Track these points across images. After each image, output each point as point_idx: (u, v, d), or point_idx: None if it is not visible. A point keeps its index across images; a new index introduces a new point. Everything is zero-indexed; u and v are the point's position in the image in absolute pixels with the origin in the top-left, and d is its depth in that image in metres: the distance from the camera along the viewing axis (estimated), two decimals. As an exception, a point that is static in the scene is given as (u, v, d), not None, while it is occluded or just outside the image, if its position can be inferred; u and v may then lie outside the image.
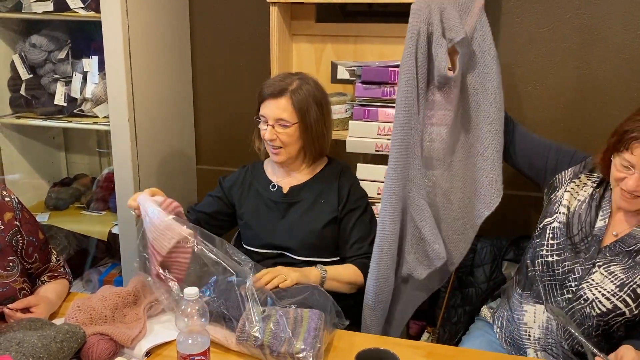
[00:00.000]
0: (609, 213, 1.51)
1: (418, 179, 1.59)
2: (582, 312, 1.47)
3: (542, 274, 1.54)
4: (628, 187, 1.39)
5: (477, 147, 1.64)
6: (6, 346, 1.18)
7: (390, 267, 1.62)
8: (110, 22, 2.00)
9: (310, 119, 1.67)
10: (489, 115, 1.61)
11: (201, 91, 2.54)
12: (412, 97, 1.53)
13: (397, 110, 1.55)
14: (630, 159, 1.39)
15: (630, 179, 1.39)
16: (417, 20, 1.52)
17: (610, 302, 1.43)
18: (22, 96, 2.32)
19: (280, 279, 1.47)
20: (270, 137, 1.66)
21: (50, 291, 1.52)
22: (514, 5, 2.09)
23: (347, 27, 2.18)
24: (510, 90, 2.18)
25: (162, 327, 1.42)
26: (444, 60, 1.52)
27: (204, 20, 2.44)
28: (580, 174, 1.59)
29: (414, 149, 1.57)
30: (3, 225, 1.45)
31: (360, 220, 1.72)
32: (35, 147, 2.52)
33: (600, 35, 2.04)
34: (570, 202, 1.56)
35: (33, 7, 2.13)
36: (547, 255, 1.53)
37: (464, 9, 1.57)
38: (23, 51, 2.27)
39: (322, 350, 1.31)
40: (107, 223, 2.33)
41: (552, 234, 1.55)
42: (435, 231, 1.61)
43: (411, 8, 1.53)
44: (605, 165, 1.50)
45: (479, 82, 1.61)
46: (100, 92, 2.20)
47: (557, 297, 1.51)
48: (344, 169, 1.79)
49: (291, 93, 1.65)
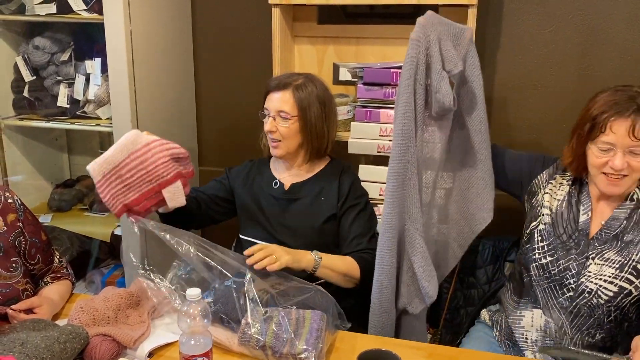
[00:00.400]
0: (589, 206, 1.53)
1: (414, 212, 1.55)
2: (588, 305, 1.48)
3: (539, 278, 1.56)
4: (616, 166, 1.41)
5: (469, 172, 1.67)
6: (9, 347, 1.18)
7: (391, 300, 1.59)
8: (112, 24, 2.00)
9: (311, 116, 1.70)
10: (479, 142, 1.64)
11: (203, 93, 2.54)
12: (410, 129, 1.48)
13: (394, 143, 1.50)
14: (609, 139, 1.41)
15: (615, 158, 1.41)
16: (416, 51, 1.46)
17: (615, 284, 1.45)
18: (25, 98, 2.33)
19: (271, 260, 1.45)
20: (270, 129, 1.70)
21: (53, 292, 1.53)
22: (515, 6, 2.10)
23: (349, 29, 2.18)
24: (512, 92, 2.18)
25: (164, 328, 1.43)
26: (449, 93, 1.50)
27: (206, 22, 2.44)
28: (555, 175, 1.63)
29: (410, 181, 1.53)
30: (6, 226, 1.46)
31: (360, 216, 1.72)
32: (38, 148, 2.53)
33: (602, 36, 2.04)
34: (551, 203, 1.59)
35: (36, 9, 2.14)
36: (540, 258, 1.55)
37: (456, 39, 1.56)
38: (26, 53, 2.28)
39: (324, 351, 1.31)
40: (110, 224, 2.34)
41: (540, 237, 1.57)
42: (429, 267, 1.58)
43: (410, 37, 1.47)
44: (579, 162, 1.52)
45: (468, 110, 1.63)
46: (103, 93, 2.21)
47: (558, 297, 1.52)
48: (345, 168, 1.81)
49: (294, 88, 1.70)
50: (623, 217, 1.49)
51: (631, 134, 1.38)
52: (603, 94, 1.47)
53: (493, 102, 2.21)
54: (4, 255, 1.44)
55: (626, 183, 1.44)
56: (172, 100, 2.37)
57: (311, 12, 2.19)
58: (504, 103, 2.20)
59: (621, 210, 1.49)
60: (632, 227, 1.48)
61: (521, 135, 2.18)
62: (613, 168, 1.42)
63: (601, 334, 1.50)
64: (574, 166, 1.55)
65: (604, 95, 1.46)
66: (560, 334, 1.53)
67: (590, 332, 1.50)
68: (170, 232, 1.46)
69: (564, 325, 1.52)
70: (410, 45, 1.47)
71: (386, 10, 2.16)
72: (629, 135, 1.38)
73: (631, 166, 1.41)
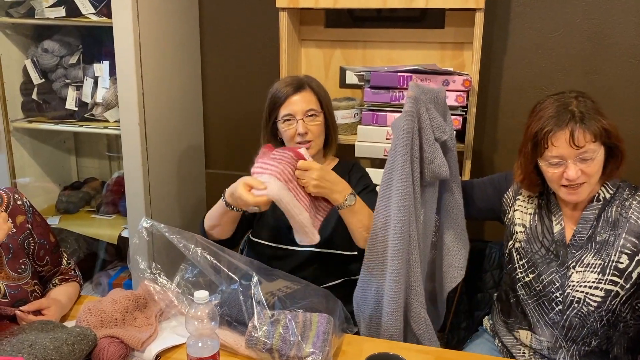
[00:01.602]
0: (561, 215, 1.52)
1: (417, 287, 1.53)
2: (579, 315, 1.47)
3: (526, 297, 1.55)
4: (570, 177, 1.38)
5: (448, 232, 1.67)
6: (18, 348, 1.19)
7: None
8: (121, 28, 2.02)
9: (329, 107, 1.75)
10: (456, 199, 1.64)
11: (211, 96, 2.55)
12: (410, 204, 1.46)
13: (395, 221, 1.45)
14: (555, 152, 1.39)
15: (568, 170, 1.39)
16: (411, 124, 1.44)
17: (600, 289, 1.44)
18: (34, 100, 2.34)
19: (302, 178, 1.45)
20: (303, 130, 1.67)
21: (62, 294, 1.53)
22: (522, 11, 2.09)
23: (356, 33, 2.18)
24: (518, 96, 2.18)
25: (172, 331, 1.43)
26: (444, 163, 1.51)
27: (214, 25, 2.45)
28: (520, 190, 1.60)
29: (412, 255, 1.50)
30: (15, 228, 1.47)
31: (372, 194, 1.71)
32: (46, 151, 2.55)
33: (610, 41, 2.04)
34: (522, 219, 1.58)
35: (45, 12, 2.16)
36: (523, 276, 1.55)
37: (437, 104, 1.55)
38: (35, 56, 2.30)
39: (331, 354, 1.31)
40: (117, 227, 2.35)
41: (518, 255, 1.57)
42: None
43: (404, 109, 1.45)
44: (530, 179, 1.51)
45: (453, 175, 1.61)
46: (111, 96, 2.22)
47: (549, 313, 1.51)
48: (355, 166, 1.82)
49: (309, 85, 1.72)
50: (592, 217, 1.47)
51: (572, 143, 1.36)
52: (540, 108, 1.45)
53: (499, 106, 2.21)
54: (12, 256, 1.45)
55: (585, 190, 1.42)
56: (179, 104, 2.38)
57: (318, 16, 2.20)
58: (510, 107, 2.20)
59: (589, 211, 1.47)
60: (602, 225, 1.46)
61: (528, 139, 2.18)
62: (568, 179, 1.39)
63: (596, 340, 1.49)
64: (525, 183, 1.53)
65: (541, 109, 1.44)
66: (555, 349, 1.52)
67: (585, 341, 1.50)
68: (178, 234, 1.46)
69: (559, 340, 1.51)
70: (405, 118, 1.44)
71: (393, 14, 2.17)
72: (570, 146, 1.36)
73: (585, 173, 1.38)
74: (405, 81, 1.92)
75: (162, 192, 2.29)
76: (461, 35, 2.05)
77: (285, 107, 1.70)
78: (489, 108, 2.21)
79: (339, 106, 2.07)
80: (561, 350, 1.52)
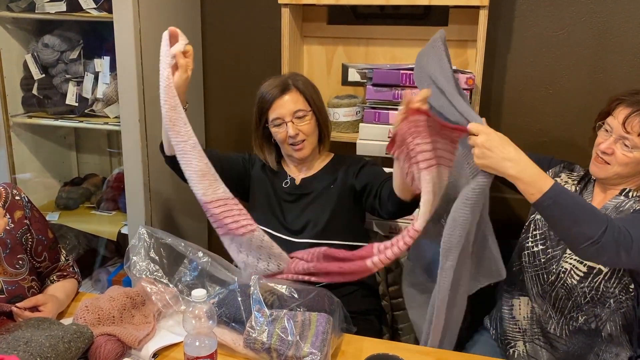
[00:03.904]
0: (590, 201, 1.57)
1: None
2: (565, 287, 1.52)
3: (527, 265, 1.61)
4: (600, 147, 1.48)
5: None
6: (14, 345, 1.18)
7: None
8: (122, 23, 2.00)
9: (318, 103, 1.75)
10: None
11: (211, 93, 2.54)
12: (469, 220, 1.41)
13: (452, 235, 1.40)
14: (611, 122, 1.48)
15: (607, 141, 1.46)
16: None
17: (584, 264, 1.49)
18: (34, 96, 2.33)
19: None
20: (294, 132, 1.69)
21: (59, 290, 1.53)
22: (527, 8, 2.07)
23: (359, 29, 2.17)
24: (523, 94, 2.16)
25: (169, 329, 1.42)
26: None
27: (216, 21, 2.44)
28: (560, 174, 1.66)
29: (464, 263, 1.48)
30: (13, 223, 1.46)
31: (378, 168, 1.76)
32: (46, 146, 2.53)
33: (615, 39, 2.02)
34: None
35: (46, 7, 2.14)
36: (532, 246, 1.60)
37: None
38: (35, 51, 2.29)
39: (329, 354, 1.30)
40: (117, 223, 2.34)
41: (534, 226, 1.62)
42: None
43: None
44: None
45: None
46: (112, 92, 2.21)
47: (543, 284, 1.57)
48: (352, 159, 1.84)
49: (294, 85, 1.72)
50: (612, 207, 1.51)
51: (624, 123, 1.43)
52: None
53: (504, 104, 2.19)
54: (10, 252, 1.44)
55: (608, 170, 1.48)
56: (180, 100, 2.36)
57: (321, 13, 2.18)
58: (515, 106, 2.18)
59: (612, 202, 1.52)
60: (611, 213, 1.50)
61: (532, 138, 2.16)
62: (599, 149, 1.48)
63: (583, 316, 1.52)
64: None
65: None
66: (545, 319, 1.57)
67: (572, 315, 1.53)
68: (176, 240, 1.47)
69: (548, 310, 1.56)
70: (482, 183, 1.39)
71: (396, 11, 2.15)
72: (622, 124, 1.44)
73: (615, 155, 1.45)
74: (408, 79, 1.91)
75: (161, 188, 2.28)
76: (465, 33, 2.03)
77: (272, 110, 1.71)
78: (492, 106, 2.19)
79: (340, 104, 2.06)
80: (551, 321, 1.57)
